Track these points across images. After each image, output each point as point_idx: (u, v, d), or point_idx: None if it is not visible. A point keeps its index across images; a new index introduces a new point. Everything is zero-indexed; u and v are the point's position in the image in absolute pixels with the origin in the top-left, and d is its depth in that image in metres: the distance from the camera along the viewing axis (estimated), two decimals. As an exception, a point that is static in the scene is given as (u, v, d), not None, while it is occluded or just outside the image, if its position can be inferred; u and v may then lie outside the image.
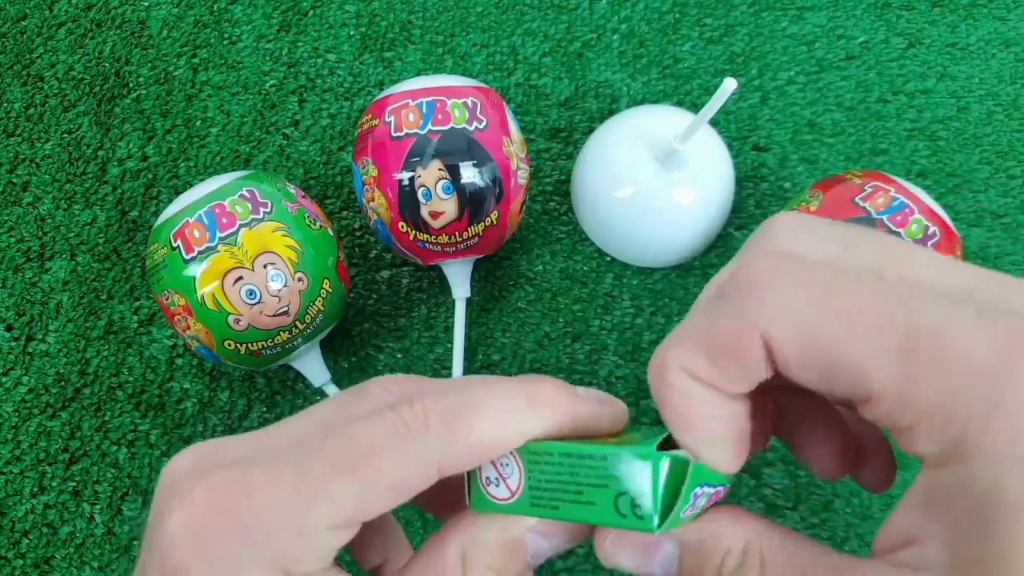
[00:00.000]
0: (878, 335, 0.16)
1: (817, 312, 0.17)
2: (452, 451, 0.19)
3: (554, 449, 0.19)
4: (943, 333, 0.16)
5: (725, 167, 0.40)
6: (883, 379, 0.16)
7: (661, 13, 0.46)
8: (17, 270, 0.43)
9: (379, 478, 0.18)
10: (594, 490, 0.19)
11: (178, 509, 0.18)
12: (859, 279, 0.17)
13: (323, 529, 0.18)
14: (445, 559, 0.20)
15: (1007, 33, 0.45)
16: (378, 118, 0.36)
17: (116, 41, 0.47)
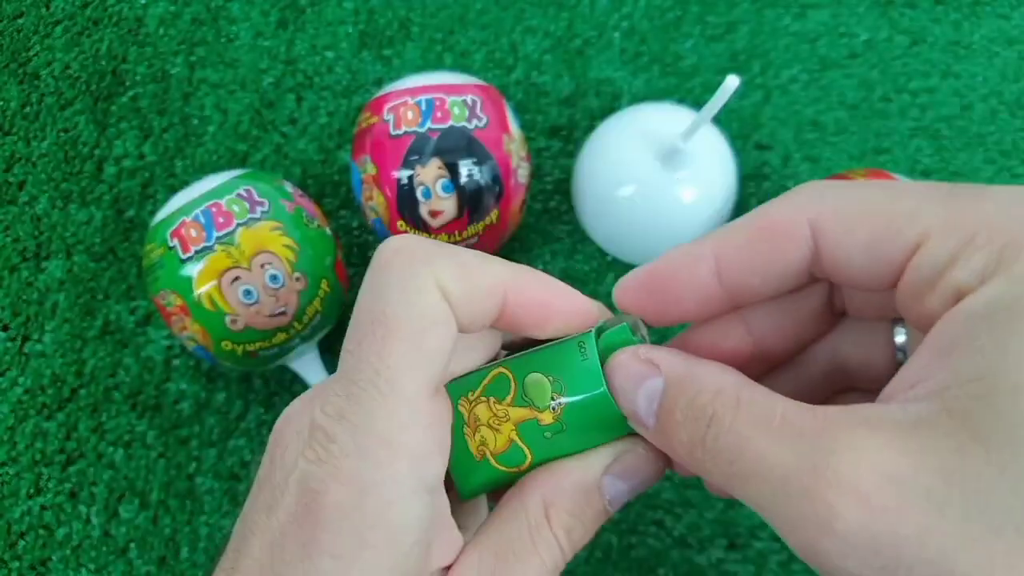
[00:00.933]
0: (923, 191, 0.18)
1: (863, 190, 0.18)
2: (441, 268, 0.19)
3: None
4: (982, 188, 0.17)
5: (727, 165, 0.39)
6: (929, 215, 0.17)
7: (663, 10, 0.46)
8: (13, 270, 0.43)
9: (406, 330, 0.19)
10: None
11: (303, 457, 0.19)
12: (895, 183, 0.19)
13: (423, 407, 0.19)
14: (527, 510, 0.20)
15: (1011, 31, 0.44)
16: (376, 116, 0.36)
17: (112, 39, 0.47)
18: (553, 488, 0.21)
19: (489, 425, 0.21)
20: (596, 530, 0.21)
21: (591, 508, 0.21)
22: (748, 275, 0.20)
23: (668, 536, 0.37)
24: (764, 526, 0.37)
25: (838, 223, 0.18)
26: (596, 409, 0.20)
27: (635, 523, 0.37)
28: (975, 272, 0.16)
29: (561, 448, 0.21)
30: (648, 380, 0.19)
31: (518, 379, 0.21)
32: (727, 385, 0.18)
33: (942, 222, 0.17)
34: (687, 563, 0.37)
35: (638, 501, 0.38)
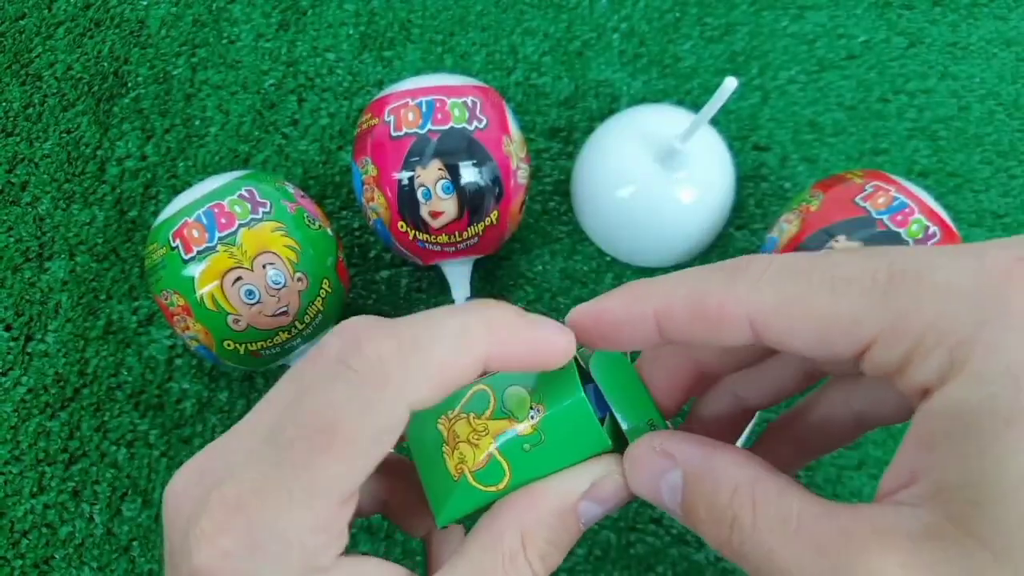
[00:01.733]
0: (861, 286, 0.17)
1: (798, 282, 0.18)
2: (414, 386, 0.18)
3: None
4: (923, 269, 0.16)
5: (726, 166, 0.39)
6: (873, 320, 0.17)
7: (662, 12, 0.46)
8: (16, 270, 0.43)
9: (355, 445, 0.18)
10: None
11: (195, 547, 0.18)
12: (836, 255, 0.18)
13: (331, 515, 0.18)
14: (502, 538, 0.20)
15: (1008, 32, 0.45)
16: (377, 117, 0.36)
17: (115, 40, 0.47)
18: (529, 515, 0.20)
19: (468, 441, 0.21)
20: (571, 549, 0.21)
21: (567, 533, 0.21)
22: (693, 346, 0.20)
23: (667, 534, 0.37)
24: (762, 524, 0.37)
25: (779, 322, 0.18)
26: (575, 419, 0.20)
27: (634, 521, 0.38)
28: (933, 372, 0.16)
29: (540, 463, 0.21)
30: (668, 474, 0.20)
31: (497, 394, 0.21)
32: (742, 482, 0.18)
33: (888, 327, 0.17)
34: (685, 561, 0.37)
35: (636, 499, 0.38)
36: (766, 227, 0.42)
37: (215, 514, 0.18)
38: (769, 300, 0.18)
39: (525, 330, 0.20)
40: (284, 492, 0.18)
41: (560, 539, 0.20)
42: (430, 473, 0.21)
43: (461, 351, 0.19)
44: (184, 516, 0.19)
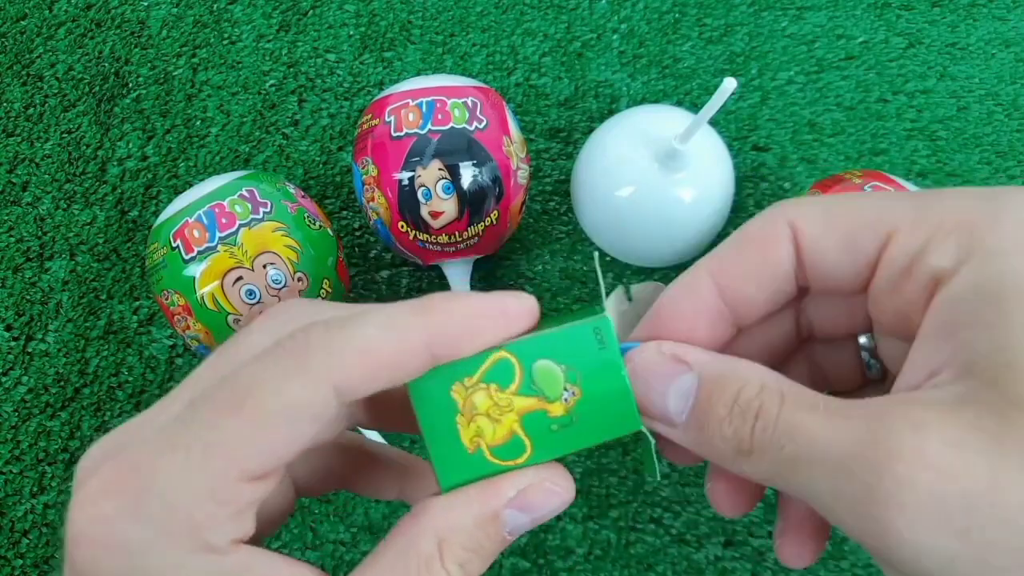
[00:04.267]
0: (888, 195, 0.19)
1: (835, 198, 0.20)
2: (340, 368, 0.18)
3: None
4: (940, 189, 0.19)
5: (725, 167, 0.40)
6: (898, 212, 0.19)
7: (661, 13, 0.46)
8: (17, 270, 0.43)
9: (264, 414, 0.17)
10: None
11: (76, 511, 0.17)
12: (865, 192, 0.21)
13: (231, 483, 0.17)
14: (419, 549, 0.19)
15: (1007, 33, 0.45)
16: (378, 118, 0.36)
17: (116, 41, 0.47)
18: (448, 520, 0.19)
19: (488, 415, 0.20)
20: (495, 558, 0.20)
21: (489, 541, 0.20)
22: (744, 283, 0.20)
23: (666, 533, 0.37)
24: (761, 524, 0.37)
25: (814, 224, 0.19)
26: (613, 403, 0.20)
27: (633, 520, 0.38)
28: (950, 256, 0.17)
29: (565, 443, 0.20)
30: (679, 377, 0.19)
31: (524, 365, 0.20)
32: (769, 380, 0.18)
33: (909, 216, 0.18)
34: (685, 560, 0.37)
35: (636, 499, 0.38)
36: (765, 227, 0.42)
37: (104, 476, 0.17)
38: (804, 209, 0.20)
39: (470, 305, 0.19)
40: (181, 452, 0.17)
41: (481, 547, 0.19)
42: (439, 441, 0.20)
43: (392, 336, 0.18)
44: (79, 480, 0.18)
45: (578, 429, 0.20)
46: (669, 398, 0.19)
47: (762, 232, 0.20)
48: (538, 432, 0.20)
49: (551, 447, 0.20)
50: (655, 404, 0.20)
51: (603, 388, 0.20)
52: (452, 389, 0.20)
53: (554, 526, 0.38)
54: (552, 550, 0.37)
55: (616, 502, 0.38)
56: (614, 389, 0.20)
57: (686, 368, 0.19)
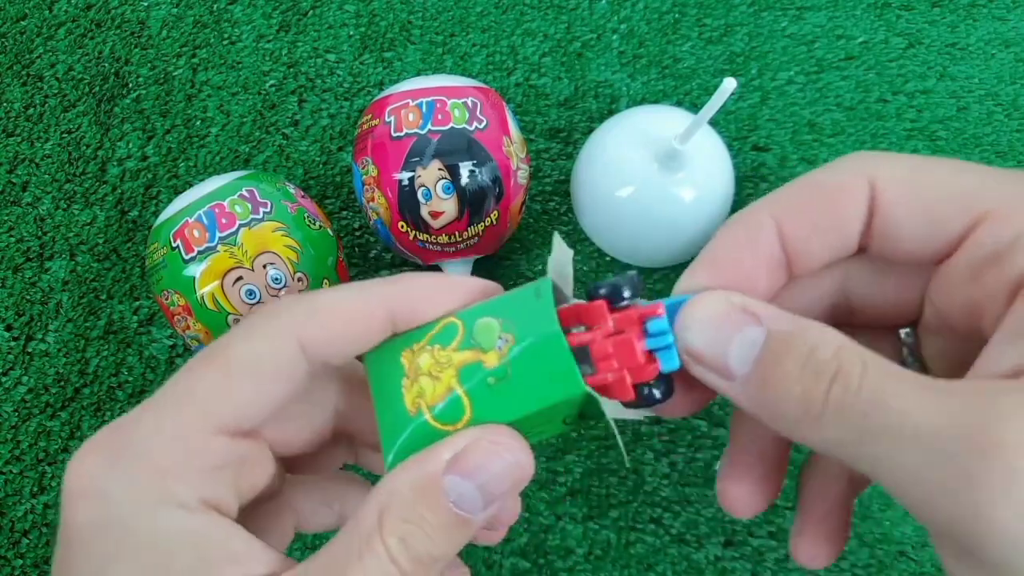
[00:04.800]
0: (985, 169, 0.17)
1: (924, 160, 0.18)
2: (302, 322, 0.18)
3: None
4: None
5: (725, 167, 0.40)
6: (991, 195, 0.17)
7: (661, 13, 0.46)
8: (17, 270, 0.43)
9: (233, 361, 0.18)
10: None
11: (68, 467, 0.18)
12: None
13: (200, 434, 0.18)
14: (360, 520, 0.18)
15: (1007, 33, 0.45)
16: (378, 118, 0.36)
17: (116, 41, 0.47)
18: (388, 490, 0.18)
19: (430, 374, 0.19)
20: (455, 542, 0.18)
21: (433, 512, 0.18)
22: (809, 234, 0.19)
23: (666, 533, 0.37)
24: (761, 524, 0.37)
25: (900, 186, 0.18)
26: (546, 354, 0.18)
27: (633, 520, 0.38)
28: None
29: (505, 403, 0.18)
30: (746, 328, 0.18)
31: (467, 325, 0.19)
32: (847, 343, 0.17)
33: (1008, 201, 0.17)
34: (685, 560, 0.37)
35: (636, 499, 0.38)
36: (765, 227, 0.42)
37: (95, 437, 0.18)
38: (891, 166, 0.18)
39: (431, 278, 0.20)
40: (156, 407, 0.18)
41: (423, 519, 0.18)
42: (386, 409, 0.19)
43: (355, 297, 0.19)
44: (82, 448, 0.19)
45: (514, 384, 0.18)
46: (732, 347, 0.18)
47: (838, 183, 0.18)
48: (476, 387, 0.19)
49: (491, 407, 0.18)
50: (714, 352, 0.18)
51: (537, 337, 0.18)
52: (402, 355, 0.20)
53: (554, 526, 0.38)
54: (552, 550, 0.37)
55: (616, 502, 0.38)
56: (547, 337, 0.18)
57: (755, 321, 0.18)
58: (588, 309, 0.19)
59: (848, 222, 0.19)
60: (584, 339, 0.19)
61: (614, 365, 0.18)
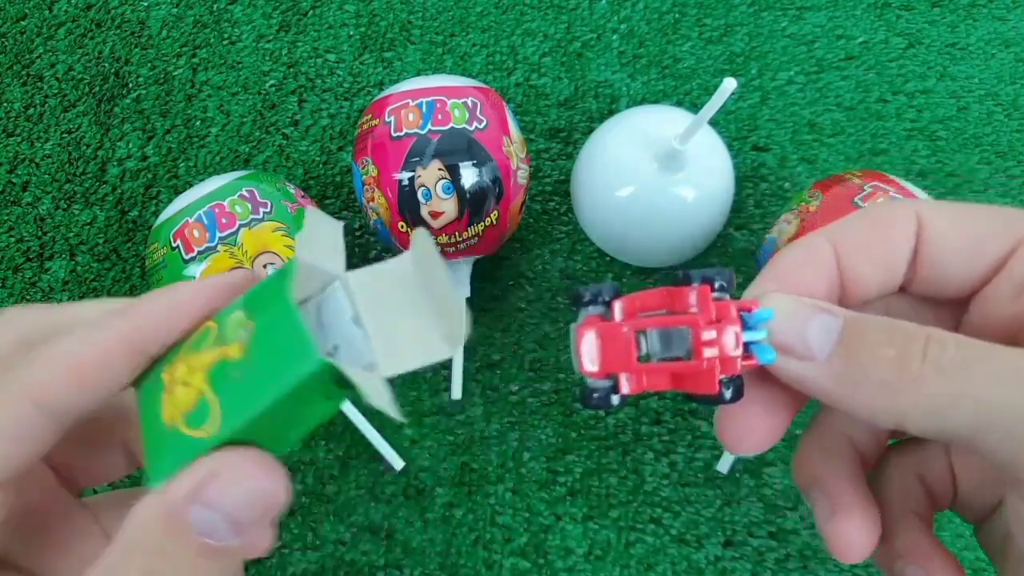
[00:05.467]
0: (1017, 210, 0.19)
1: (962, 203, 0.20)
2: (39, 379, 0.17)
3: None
4: None
5: (725, 167, 0.40)
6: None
7: (661, 13, 0.46)
8: (17, 270, 0.43)
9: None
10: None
11: None
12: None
13: None
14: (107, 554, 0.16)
15: (1007, 33, 0.45)
16: (378, 118, 0.36)
17: (116, 41, 0.47)
18: (135, 523, 0.17)
19: (183, 383, 0.18)
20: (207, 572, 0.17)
21: (178, 546, 0.16)
22: (863, 260, 0.20)
23: (666, 533, 0.37)
24: (761, 524, 0.37)
25: (941, 218, 0.19)
26: (280, 332, 0.17)
27: (633, 520, 0.38)
28: None
29: (250, 395, 0.17)
30: (822, 315, 0.18)
31: (220, 325, 0.18)
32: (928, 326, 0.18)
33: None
34: (685, 560, 0.37)
35: (636, 499, 0.38)
36: (765, 227, 0.42)
37: None
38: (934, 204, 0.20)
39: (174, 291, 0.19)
40: None
41: (169, 553, 0.16)
42: (150, 430, 0.18)
43: (91, 340, 0.18)
44: None
45: (258, 372, 0.17)
46: (812, 328, 0.18)
47: (890, 214, 0.20)
48: (223, 384, 0.17)
49: (237, 401, 0.17)
50: (795, 337, 0.18)
51: (271, 313, 0.17)
52: (163, 372, 0.18)
53: (554, 526, 0.38)
54: (552, 550, 0.37)
55: (616, 502, 0.38)
56: (280, 310, 0.17)
57: (829, 312, 0.18)
58: (681, 293, 0.19)
59: (898, 251, 0.20)
60: (686, 320, 0.18)
61: (714, 353, 0.18)
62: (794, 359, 0.18)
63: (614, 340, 0.19)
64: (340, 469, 0.39)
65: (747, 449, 0.20)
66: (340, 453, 0.39)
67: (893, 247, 0.20)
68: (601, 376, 0.19)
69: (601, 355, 0.19)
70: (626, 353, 0.18)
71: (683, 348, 0.18)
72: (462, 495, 0.38)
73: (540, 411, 0.40)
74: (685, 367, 0.18)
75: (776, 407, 0.20)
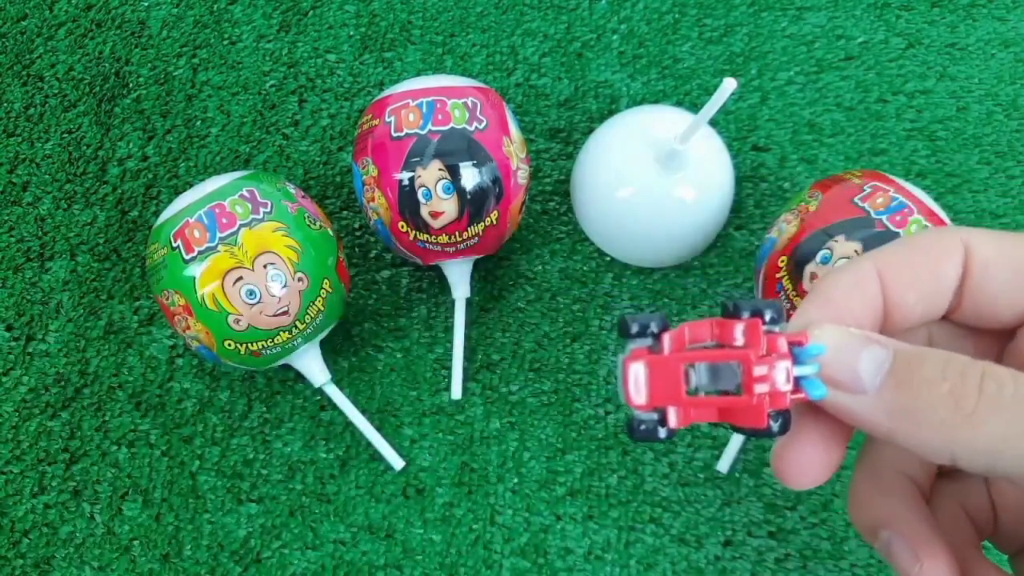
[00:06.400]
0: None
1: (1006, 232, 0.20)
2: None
3: None
4: None
5: (725, 167, 0.40)
6: None
7: (661, 13, 0.46)
8: (17, 270, 0.43)
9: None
10: None
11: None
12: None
13: None
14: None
15: (1007, 33, 0.45)
16: (378, 118, 0.36)
17: (116, 41, 0.47)
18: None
19: None
20: None
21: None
22: (908, 288, 0.20)
23: (666, 533, 0.37)
24: (760, 524, 0.37)
25: (987, 247, 0.19)
26: None
27: (633, 520, 0.38)
28: None
29: None
30: (872, 347, 0.18)
31: None
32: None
33: None
34: (685, 560, 0.37)
35: (636, 499, 0.38)
36: (765, 227, 0.42)
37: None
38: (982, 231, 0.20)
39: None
40: None
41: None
42: None
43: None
44: None
45: None
46: (861, 363, 0.18)
47: (936, 242, 0.20)
48: None
49: None
50: (846, 370, 0.18)
51: None
52: None
53: (554, 526, 0.38)
54: (552, 550, 0.37)
55: (616, 502, 0.38)
56: None
57: (879, 344, 0.18)
58: (731, 325, 0.19)
59: (944, 279, 0.20)
60: (737, 355, 0.18)
61: (765, 389, 0.18)
62: (845, 393, 0.18)
63: (663, 373, 0.18)
64: (340, 469, 0.39)
65: (807, 485, 0.20)
66: (340, 453, 0.39)
67: (939, 275, 0.20)
68: (648, 408, 0.19)
69: (649, 388, 0.18)
70: (675, 386, 0.18)
71: (732, 382, 0.18)
72: (462, 495, 0.39)
73: (540, 411, 0.40)
74: (734, 401, 0.18)
75: (832, 440, 0.20)
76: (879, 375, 0.17)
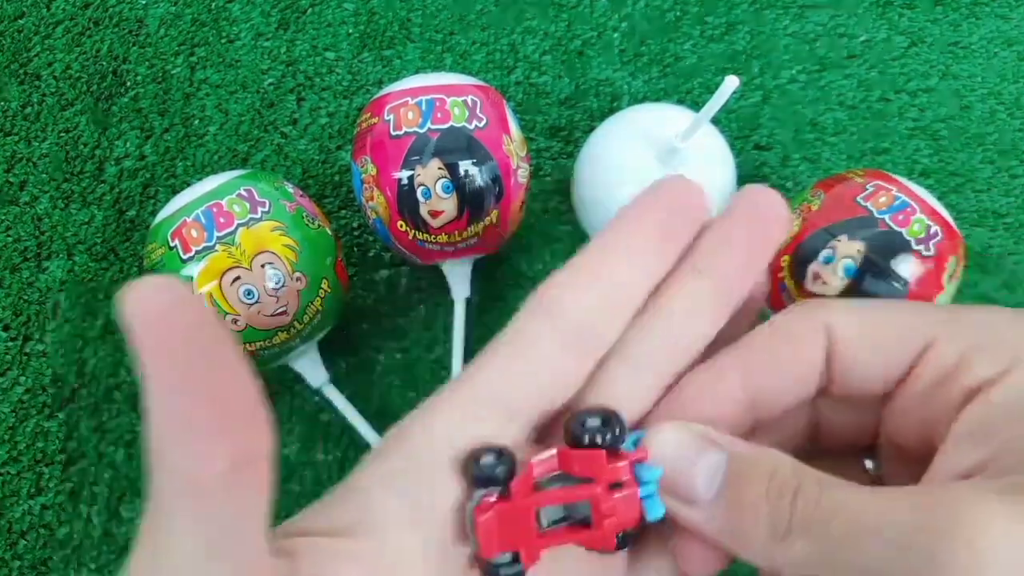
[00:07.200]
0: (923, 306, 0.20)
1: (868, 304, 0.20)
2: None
3: None
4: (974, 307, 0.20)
5: (726, 166, 0.39)
6: (939, 324, 0.19)
7: (662, 11, 0.46)
8: (14, 270, 0.43)
9: None
10: None
11: None
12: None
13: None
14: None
15: (1010, 32, 0.45)
16: (377, 116, 0.36)
17: (113, 39, 0.47)
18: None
19: None
20: None
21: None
22: (773, 378, 0.20)
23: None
24: None
25: (849, 328, 0.20)
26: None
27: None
28: (993, 366, 0.18)
29: None
30: (708, 453, 0.19)
31: None
32: (801, 465, 0.18)
33: (947, 329, 0.19)
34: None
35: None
36: (767, 227, 0.42)
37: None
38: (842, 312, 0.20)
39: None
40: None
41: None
42: None
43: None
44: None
45: None
46: (698, 475, 0.18)
47: (797, 329, 0.20)
48: None
49: None
50: (682, 481, 0.18)
51: None
52: None
53: (554, 527, 0.38)
54: (552, 552, 0.37)
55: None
56: None
57: (716, 447, 0.19)
58: (573, 457, 0.19)
59: (810, 365, 0.20)
60: (586, 494, 0.19)
61: (615, 522, 0.19)
62: (683, 503, 0.19)
63: (514, 519, 0.19)
64: (338, 471, 0.39)
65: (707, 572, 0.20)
66: (338, 454, 0.39)
67: (802, 362, 0.20)
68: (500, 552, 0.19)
69: (500, 535, 0.19)
70: (526, 530, 0.19)
71: (583, 512, 0.19)
72: (462, 496, 0.38)
73: (540, 412, 0.39)
74: (586, 534, 0.19)
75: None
76: (714, 485, 0.18)
